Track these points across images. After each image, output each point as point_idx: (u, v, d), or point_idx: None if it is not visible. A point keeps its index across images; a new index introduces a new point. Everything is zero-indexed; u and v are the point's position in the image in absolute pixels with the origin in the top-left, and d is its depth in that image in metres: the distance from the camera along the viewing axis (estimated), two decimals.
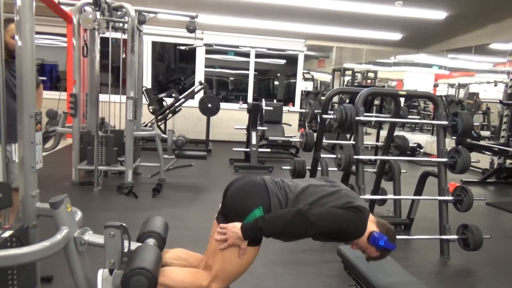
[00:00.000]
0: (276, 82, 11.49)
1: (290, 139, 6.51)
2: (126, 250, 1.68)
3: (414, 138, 8.68)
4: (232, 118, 8.20)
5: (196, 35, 6.47)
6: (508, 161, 6.42)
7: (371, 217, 1.76)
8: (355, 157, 3.11)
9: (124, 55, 4.83)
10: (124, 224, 1.66)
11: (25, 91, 1.81)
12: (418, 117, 10.61)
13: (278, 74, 11.26)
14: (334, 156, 3.24)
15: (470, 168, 3.35)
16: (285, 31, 8.15)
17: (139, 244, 1.74)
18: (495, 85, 10.67)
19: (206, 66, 8.90)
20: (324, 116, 3.37)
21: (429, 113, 10.91)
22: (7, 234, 1.61)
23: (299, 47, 8.97)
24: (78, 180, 4.74)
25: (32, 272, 1.91)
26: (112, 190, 4.61)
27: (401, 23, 7.13)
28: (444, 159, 3.29)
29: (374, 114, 6.74)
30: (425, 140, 8.77)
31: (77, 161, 4.66)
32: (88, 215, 3.40)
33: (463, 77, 11.66)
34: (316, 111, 3.82)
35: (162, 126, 7.29)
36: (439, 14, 6.52)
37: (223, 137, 8.56)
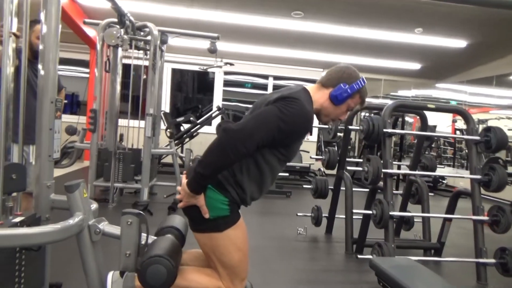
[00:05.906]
0: None
1: (308, 164, 6.34)
2: (143, 243, 1.55)
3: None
4: None
5: (215, 63, 6.58)
6: None
7: (311, 87, 1.60)
8: (383, 170, 2.95)
9: (145, 76, 4.85)
10: (142, 213, 1.54)
11: (47, 78, 1.76)
12: (434, 154, 10.38)
13: None
14: (359, 169, 3.07)
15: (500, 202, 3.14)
16: (303, 59, 8.19)
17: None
18: None
19: (223, 100, 8.95)
20: (350, 127, 3.24)
21: (448, 154, 10.68)
22: (17, 219, 1.51)
23: (317, 76, 9.00)
24: (93, 197, 4.63)
25: (41, 269, 1.78)
26: (126, 207, 4.43)
27: (421, 52, 7.08)
28: (478, 176, 3.09)
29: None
30: (448, 172, 8.50)
31: (93, 177, 4.58)
32: None
33: (482, 113, 11.44)
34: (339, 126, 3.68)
35: (179, 151, 7.23)
36: (459, 43, 6.47)
37: None
